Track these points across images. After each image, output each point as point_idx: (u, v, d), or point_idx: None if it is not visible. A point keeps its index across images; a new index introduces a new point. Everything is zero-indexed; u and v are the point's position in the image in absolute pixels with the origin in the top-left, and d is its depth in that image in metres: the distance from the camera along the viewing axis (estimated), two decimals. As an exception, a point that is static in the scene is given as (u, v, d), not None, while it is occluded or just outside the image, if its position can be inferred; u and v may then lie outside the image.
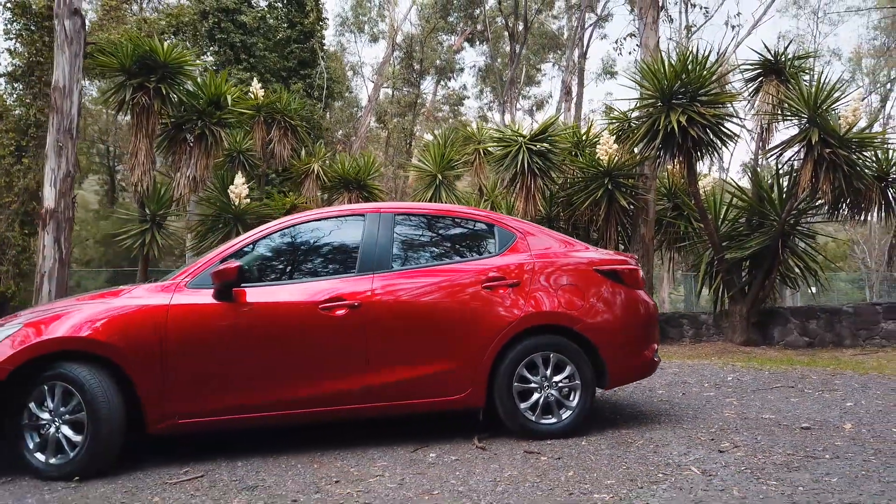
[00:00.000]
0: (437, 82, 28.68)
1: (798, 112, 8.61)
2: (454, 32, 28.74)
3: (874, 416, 4.58)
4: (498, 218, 4.59)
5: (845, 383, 5.91)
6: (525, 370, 4.18)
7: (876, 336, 9.02)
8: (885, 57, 29.71)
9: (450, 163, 11.38)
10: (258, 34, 20.05)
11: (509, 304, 4.18)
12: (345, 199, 12.84)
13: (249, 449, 4.10)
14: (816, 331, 9.35)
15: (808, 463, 3.49)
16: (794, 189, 8.75)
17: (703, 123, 8.47)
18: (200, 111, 10.80)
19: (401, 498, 3.15)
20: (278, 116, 12.52)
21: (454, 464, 3.70)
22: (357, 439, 4.27)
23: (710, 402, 5.25)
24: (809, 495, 2.97)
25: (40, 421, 3.70)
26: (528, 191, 10.00)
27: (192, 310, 3.86)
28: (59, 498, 3.34)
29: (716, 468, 3.45)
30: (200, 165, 10.98)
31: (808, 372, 6.61)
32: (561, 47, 27.55)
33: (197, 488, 3.43)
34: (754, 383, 6.06)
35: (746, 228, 9.65)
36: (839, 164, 8.13)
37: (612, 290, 4.38)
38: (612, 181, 9.69)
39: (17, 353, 3.63)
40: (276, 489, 3.36)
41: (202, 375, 3.84)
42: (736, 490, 3.08)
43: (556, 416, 4.20)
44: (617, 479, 3.32)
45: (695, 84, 8.54)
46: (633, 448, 3.92)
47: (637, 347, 4.44)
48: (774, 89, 9.69)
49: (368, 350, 4.00)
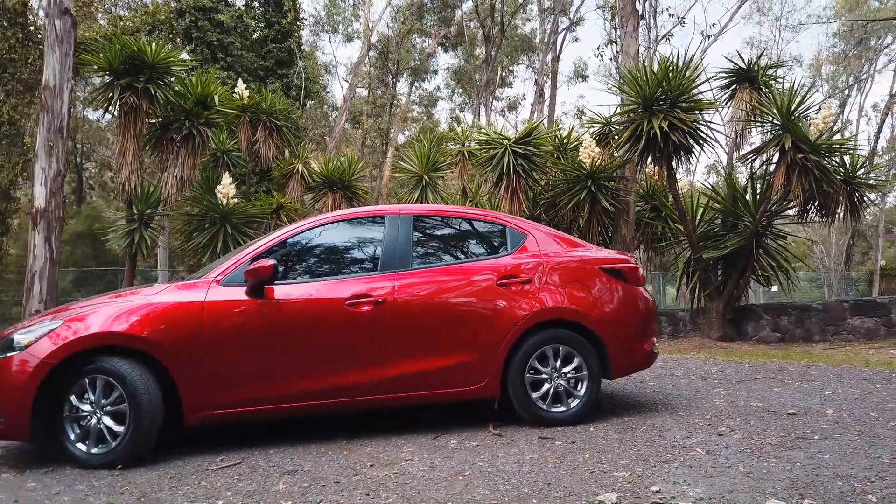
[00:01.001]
0: (411, 84, 28.90)
1: (772, 119, 9.08)
2: (428, 35, 29.00)
3: (852, 403, 4.98)
4: (509, 219, 4.88)
5: (821, 374, 6.34)
6: (536, 362, 4.47)
7: (843, 331, 9.54)
8: (843, 64, 30.83)
9: (435, 164, 11.63)
10: (235, 33, 20.04)
11: (522, 300, 4.46)
12: (329, 199, 13.01)
13: (279, 438, 4.31)
14: (787, 327, 9.85)
15: (800, 443, 3.85)
16: (768, 192, 9.22)
17: (683, 129, 8.88)
18: (188, 111, 10.88)
19: (435, 478, 3.41)
20: (263, 117, 12.64)
21: (476, 449, 3.97)
22: (379, 428, 4.50)
23: (700, 392, 5.61)
24: (807, 470, 3.31)
25: (81, 413, 3.86)
26: (514, 192, 10.31)
27: (226, 306, 4.06)
28: (107, 484, 3.52)
29: (718, 449, 3.78)
30: (188, 165, 11.08)
31: (784, 364, 7.04)
32: (533, 50, 28.00)
33: (239, 473, 3.64)
34: (737, 375, 6.45)
35: (721, 229, 10.11)
36: (811, 168, 8.61)
37: (615, 287, 4.70)
38: (594, 183, 10.06)
39: (60, 348, 3.79)
40: (316, 473, 3.58)
41: (237, 368, 4.04)
42: (741, 467, 3.41)
43: (566, 404, 4.49)
44: (630, 460, 3.62)
45: (675, 91, 8.94)
46: (638, 433, 4.23)
47: (639, 340, 4.76)
48: (748, 96, 10.16)
49: (392, 344, 4.24)
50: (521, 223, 4.84)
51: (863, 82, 31.39)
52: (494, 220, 4.83)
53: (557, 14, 23.30)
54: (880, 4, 30.10)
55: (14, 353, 3.85)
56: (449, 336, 4.35)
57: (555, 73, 24.63)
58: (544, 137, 11.17)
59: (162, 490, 3.39)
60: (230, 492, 3.32)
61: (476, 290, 4.45)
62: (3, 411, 3.81)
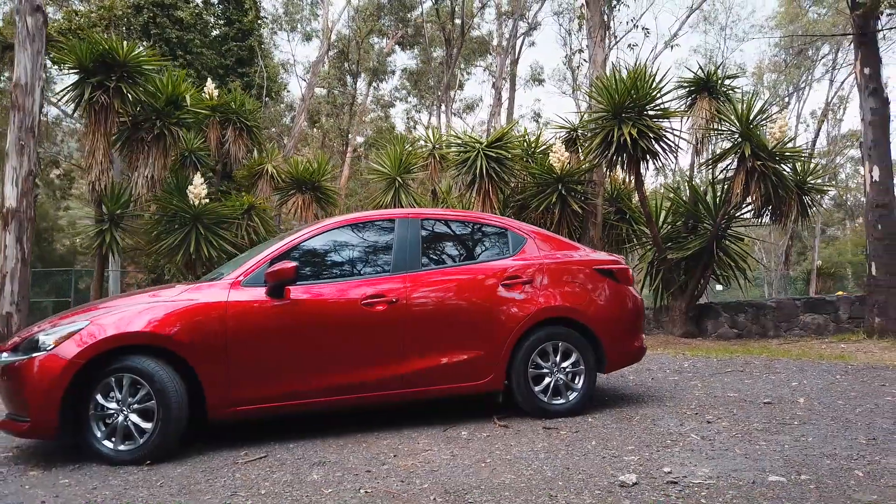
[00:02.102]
0: (369, 84, 28.96)
1: (731, 128, 9.62)
2: (386, 35, 29.11)
3: (819, 393, 5.43)
4: (510, 223, 5.16)
5: (784, 367, 6.82)
6: (538, 357, 4.76)
7: (795, 328, 10.17)
8: (784, 73, 32.25)
9: (408, 166, 11.84)
10: (195, 30, 19.79)
11: (525, 299, 4.75)
12: (298, 200, 13.07)
13: (295, 434, 4.48)
14: (745, 323, 10.43)
15: (783, 428, 4.24)
16: (728, 196, 9.76)
17: (651, 135, 9.33)
18: (159, 111, 10.82)
19: (460, 466, 3.65)
20: (233, 117, 12.62)
21: (488, 439, 4.23)
22: (388, 423, 4.72)
23: (679, 385, 6.00)
24: (796, 450, 3.69)
25: (107, 411, 3.96)
26: (486, 194, 10.61)
27: (249, 305, 4.21)
28: (141, 478, 3.64)
29: (711, 434, 4.14)
30: (158, 165, 11.02)
31: (749, 359, 7.52)
32: (490, 52, 28.43)
33: (269, 465, 3.81)
34: (708, 369, 6.88)
35: (683, 231, 10.62)
36: (768, 174, 9.17)
37: (608, 287, 5.03)
38: (564, 187, 10.44)
39: (88, 348, 3.88)
40: (343, 464, 3.78)
41: (258, 366, 4.20)
42: (737, 449, 3.76)
43: (565, 397, 4.80)
44: (635, 446, 3.94)
45: (643, 99, 9.39)
46: (634, 422, 4.56)
47: (630, 336, 5.11)
48: (707, 105, 10.70)
49: (405, 341, 4.47)
50: (521, 226, 5.13)
51: (801, 91, 32.91)
52: (497, 224, 5.10)
53: (517, 19, 23.76)
54: (818, 17, 31.62)
55: (41, 353, 3.92)
56: (458, 333, 4.60)
57: (514, 76, 25.12)
58: (515, 142, 11.50)
59: (199, 482, 3.54)
60: (268, 482, 3.50)
61: (482, 290, 4.72)
62: (30, 411, 3.88)
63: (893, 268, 9.37)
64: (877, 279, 9.32)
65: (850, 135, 36.95)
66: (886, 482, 3.11)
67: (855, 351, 8.25)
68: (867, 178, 9.87)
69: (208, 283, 4.36)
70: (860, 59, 10.05)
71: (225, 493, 3.34)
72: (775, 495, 2.96)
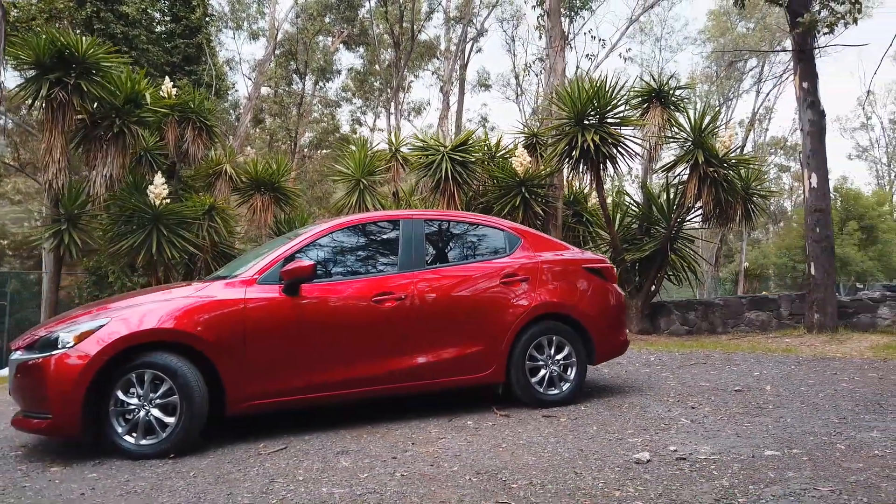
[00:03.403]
0: (315, 83, 28.82)
1: (684, 135, 10.20)
2: (331, 34, 29.01)
3: (781, 381, 5.93)
4: (506, 224, 5.44)
5: (742, 359, 7.35)
6: (534, 350, 5.05)
7: (741, 324, 10.84)
8: (715, 83, 33.82)
9: (372, 169, 11.98)
10: (140, 26, 19.35)
11: (522, 295, 5.03)
12: (257, 202, 13.03)
13: (306, 428, 4.62)
14: (695, 320, 11.04)
15: (761, 411, 4.66)
16: (681, 200, 10.33)
17: (612, 142, 9.81)
18: (119, 109, 10.64)
19: (480, 450, 3.89)
20: (193, 116, 12.47)
21: (495, 427, 4.49)
22: (393, 416, 4.91)
23: (652, 377, 6.41)
24: (779, 429, 4.10)
25: (128, 406, 4.02)
26: (452, 196, 10.88)
27: (265, 302, 4.34)
28: (171, 470, 3.73)
29: (699, 418, 4.52)
30: (117, 164, 10.83)
31: (708, 353, 8.04)
32: (437, 56, 28.76)
33: (294, 455, 3.96)
34: (673, 362, 7.34)
35: (639, 233, 11.16)
36: (719, 180, 9.77)
37: (596, 284, 5.38)
38: (526, 190, 10.81)
39: (111, 344, 3.95)
40: (367, 452, 3.97)
41: (274, 361, 4.34)
42: (728, 430, 4.15)
43: (558, 388, 5.11)
44: (634, 430, 4.28)
45: (604, 108, 9.85)
46: (624, 410, 4.91)
47: (616, 330, 5.47)
48: (660, 113, 11.27)
49: (414, 336, 4.68)
50: (516, 227, 5.42)
51: (731, 101, 34.56)
52: (493, 225, 5.37)
53: (466, 25, 24.14)
54: (746, 31, 33.33)
55: (61, 350, 3.96)
56: (462, 328, 4.85)
57: (463, 80, 25.50)
58: (478, 146, 11.82)
59: (231, 472, 3.66)
60: (300, 470, 3.65)
61: (483, 287, 4.98)
62: (52, 408, 3.91)
63: (830, 268, 10.12)
64: (815, 278, 10.05)
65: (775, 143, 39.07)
66: (866, 453, 3.53)
67: (799, 345, 8.90)
68: (806, 184, 10.61)
69: (224, 280, 4.46)
70: (799, 73, 10.80)
71: (262, 481, 3.48)
72: (776, 466, 3.33)
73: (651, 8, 27.31)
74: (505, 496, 3.08)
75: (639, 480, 3.21)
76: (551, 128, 10.75)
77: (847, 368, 6.50)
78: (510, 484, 3.26)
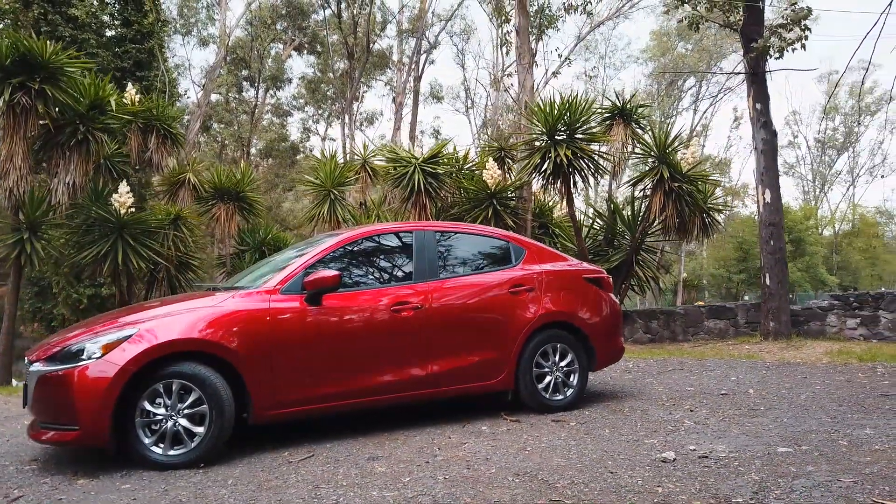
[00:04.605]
0: (266, 91, 28.53)
1: (649, 151, 10.65)
2: (282, 41, 28.81)
3: (760, 384, 6.30)
4: (512, 235, 5.64)
5: (716, 365, 7.74)
6: (540, 358, 5.25)
7: (701, 332, 11.34)
8: (656, 100, 35.09)
9: (342, 180, 12.00)
10: (90, 30, 18.81)
11: (529, 305, 5.23)
12: (220, 211, 12.88)
13: (325, 436, 4.68)
14: (657, 329, 11.49)
15: (756, 413, 4.97)
16: (646, 214, 10.77)
17: (582, 156, 10.16)
18: (83, 115, 10.39)
19: (508, 454, 4.04)
20: (156, 123, 12.25)
21: (511, 432, 4.65)
22: (405, 423, 5.01)
23: (638, 383, 6.70)
24: (781, 428, 4.40)
25: (155, 417, 4.01)
26: (423, 207, 11.04)
27: (289, 312, 4.40)
28: (206, 479, 3.73)
29: (701, 420, 4.79)
30: (80, 171, 10.57)
31: (681, 359, 8.43)
32: (390, 66, 28.91)
33: (325, 462, 4.02)
34: (652, 369, 7.67)
35: (604, 245, 11.56)
36: (683, 195, 10.25)
37: (595, 294, 5.62)
38: (498, 202, 11.07)
39: (140, 354, 3.93)
40: (398, 457, 4.06)
41: (298, 370, 4.39)
42: (733, 430, 4.43)
43: (563, 393, 5.32)
44: (646, 432, 4.51)
45: (575, 124, 10.20)
46: (627, 414, 5.15)
47: (614, 338, 5.72)
48: (623, 130, 11.73)
49: (431, 344, 4.81)
50: (521, 239, 5.62)
51: (671, 118, 35.88)
52: (501, 237, 5.56)
53: (420, 38, 24.39)
54: (686, 51, 34.78)
55: (87, 361, 3.92)
56: (474, 337, 5.01)
57: (417, 92, 25.70)
58: (447, 158, 12.01)
59: (270, 480, 3.70)
60: (339, 476, 3.72)
61: (493, 296, 5.15)
62: (80, 419, 3.86)
63: (784, 278, 10.72)
64: (770, 288, 10.63)
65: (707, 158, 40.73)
66: (869, 448, 3.85)
67: (759, 351, 9.40)
68: (760, 199, 11.23)
69: (248, 291, 4.48)
70: (752, 95, 11.44)
71: (307, 487, 3.54)
72: (794, 461, 3.61)
73: (598, 27, 28.21)
74: (554, 495, 3.24)
75: (674, 477, 3.43)
76: (523, 142, 11.04)
77: (815, 373, 6.95)
78: (553, 484, 3.42)
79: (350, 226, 11.90)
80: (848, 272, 42.96)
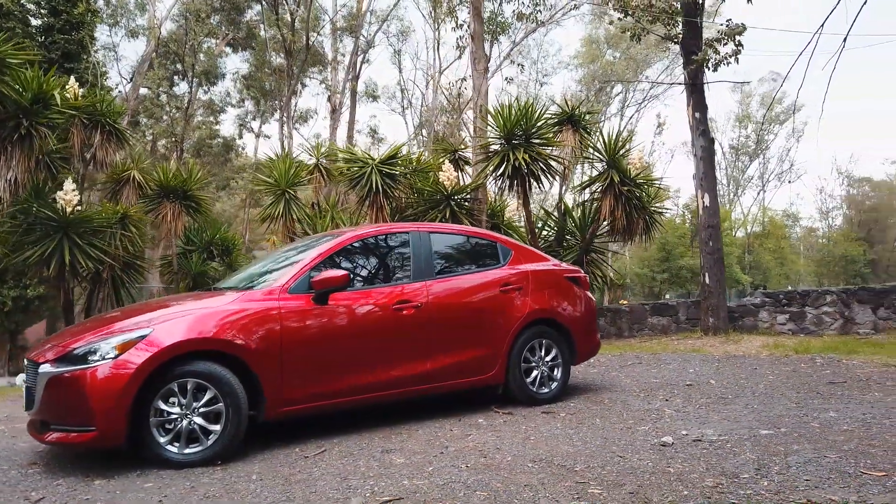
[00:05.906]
0: (198, 85, 27.78)
1: (599, 156, 11.14)
2: (216, 35, 28.12)
3: (718, 376, 6.78)
4: (498, 237, 5.89)
5: (671, 359, 8.22)
6: (527, 353, 5.52)
7: (645, 328, 11.93)
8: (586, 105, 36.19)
9: (296, 180, 11.96)
10: (15, 19, 17.91)
11: (518, 303, 5.49)
12: (166, 210, 12.57)
13: (329, 432, 4.78)
14: (604, 325, 12.00)
15: (725, 401, 5.40)
16: (597, 216, 11.25)
17: (538, 160, 10.53)
18: (26, 109, 9.99)
19: (515, 443, 4.28)
20: (101, 119, 11.85)
21: (508, 424, 4.88)
22: (403, 418, 5.16)
23: (605, 377, 7.07)
24: (754, 414, 4.82)
25: (170, 416, 4.03)
26: (381, 208, 11.15)
27: (299, 311, 4.49)
28: (229, 475, 3.79)
29: (679, 408, 5.17)
30: (21, 167, 10.17)
31: (637, 354, 8.89)
32: (326, 64, 28.68)
33: (341, 456, 4.14)
34: (613, 363, 8.08)
35: (556, 246, 11.98)
36: (631, 198, 10.77)
37: (575, 292, 5.94)
38: (454, 203, 11.31)
39: (156, 354, 3.95)
40: (411, 450, 4.23)
41: (307, 368, 4.49)
42: (713, 416, 4.81)
43: (548, 387, 5.61)
44: (634, 420, 4.84)
45: (530, 129, 10.56)
46: (608, 405, 5.47)
47: (592, 333, 6.06)
48: (572, 135, 12.19)
49: (431, 341, 5.00)
50: (507, 240, 5.87)
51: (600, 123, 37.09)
52: (489, 238, 5.80)
53: (357, 37, 24.37)
54: (614, 59, 36.07)
55: (102, 361, 3.90)
56: (470, 333, 5.23)
57: (354, 91, 25.64)
58: (402, 160, 12.16)
59: (295, 474, 3.80)
60: (363, 468, 3.86)
61: (485, 294, 5.39)
62: (96, 420, 3.84)
63: (721, 277, 11.44)
64: (709, 286, 11.31)
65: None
66: (839, 428, 4.30)
67: (702, 345, 10.01)
68: (699, 203, 11.93)
69: (257, 290, 4.54)
70: (692, 104, 12.13)
71: (335, 480, 3.66)
72: (780, 442, 4.00)
73: (532, 32, 28.91)
74: (577, 478, 3.50)
75: (678, 459, 3.75)
76: (481, 145, 11.32)
77: (762, 364, 7.51)
78: (571, 468, 3.68)
79: (304, 226, 11.90)
80: (759, 271, 45.55)
